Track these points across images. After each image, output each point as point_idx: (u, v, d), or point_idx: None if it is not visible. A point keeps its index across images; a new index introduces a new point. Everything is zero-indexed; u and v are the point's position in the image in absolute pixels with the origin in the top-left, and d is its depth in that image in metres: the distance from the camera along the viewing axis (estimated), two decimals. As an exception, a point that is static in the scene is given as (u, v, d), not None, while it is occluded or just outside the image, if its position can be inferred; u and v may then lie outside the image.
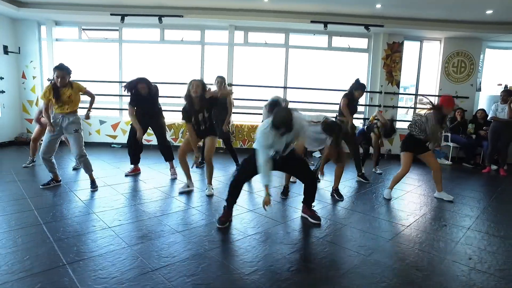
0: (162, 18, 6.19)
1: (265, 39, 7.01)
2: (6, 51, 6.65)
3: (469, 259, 2.47)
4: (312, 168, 3.87)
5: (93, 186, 3.83)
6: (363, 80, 7.01)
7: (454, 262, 2.41)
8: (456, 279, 2.18)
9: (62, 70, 3.58)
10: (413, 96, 7.31)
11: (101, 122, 6.95)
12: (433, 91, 7.15)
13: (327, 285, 2.04)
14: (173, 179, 4.48)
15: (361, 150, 5.20)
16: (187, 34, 6.99)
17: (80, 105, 3.89)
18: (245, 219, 3.12)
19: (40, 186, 3.81)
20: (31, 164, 4.85)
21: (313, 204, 3.17)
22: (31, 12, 6.32)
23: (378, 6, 5.70)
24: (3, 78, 6.61)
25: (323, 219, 3.16)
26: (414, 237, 2.84)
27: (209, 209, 3.40)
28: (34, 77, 6.89)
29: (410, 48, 7.10)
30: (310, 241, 2.69)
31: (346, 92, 4.55)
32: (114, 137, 6.98)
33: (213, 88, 4.83)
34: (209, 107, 3.69)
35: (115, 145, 6.94)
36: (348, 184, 4.61)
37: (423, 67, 7.19)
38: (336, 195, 3.90)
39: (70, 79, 3.74)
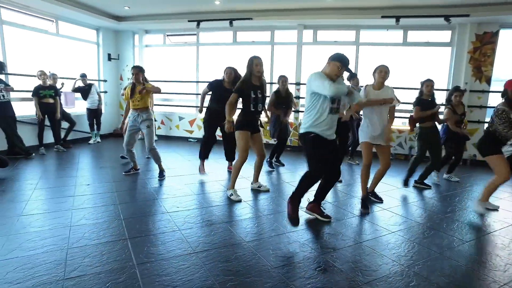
0: (233, 21, 6.60)
1: (334, 37, 6.86)
2: (109, 58, 7.95)
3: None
4: None
5: (161, 175, 4.38)
6: (444, 77, 6.37)
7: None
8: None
9: (136, 68, 4.24)
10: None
11: (180, 118, 7.76)
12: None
13: (349, 287, 2.04)
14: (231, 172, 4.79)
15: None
16: (257, 35, 7.29)
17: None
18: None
19: (123, 173, 4.52)
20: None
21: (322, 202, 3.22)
22: (128, 24, 7.42)
23: (460, -7, 5.08)
24: (106, 81, 7.93)
25: (372, 224, 3.07)
26: (472, 254, 2.56)
27: (259, 204, 3.59)
28: (128, 79, 8.04)
29: (510, 38, 6.08)
30: (348, 244, 2.65)
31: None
32: (191, 132, 7.72)
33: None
34: (262, 89, 3.63)
35: (191, 139, 7.67)
36: (411, 189, 4.30)
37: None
38: (374, 197, 3.74)
39: (144, 77, 4.36)
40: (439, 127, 4.55)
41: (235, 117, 3.80)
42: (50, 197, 3.55)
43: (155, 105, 7.23)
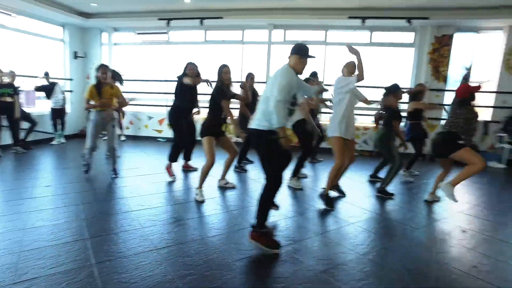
0: (203, 20, 6.58)
1: (303, 37, 7.00)
2: (75, 56, 7.69)
3: (473, 267, 2.31)
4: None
5: (115, 173, 4.35)
6: (407, 77, 6.66)
7: (455, 269, 2.26)
8: (448, 284, 2.07)
9: (104, 67, 4.12)
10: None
11: (149, 118, 7.63)
12: (491, 86, 6.45)
13: (306, 276, 2.11)
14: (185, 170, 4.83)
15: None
16: (228, 34, 7.30)
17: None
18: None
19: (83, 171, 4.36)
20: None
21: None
22: (96, 21, 7.21)
23: (420, -3, 5.35)
24: (72, 80, 7.66)
25: (332, 217, 3.18)
26: (423, 240, 2.71)
27: (224, 200, 3.62)
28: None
29: (463, 40, 6.48)
30: (309, 236, 2.73)
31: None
32: (160, 131, 7.60)
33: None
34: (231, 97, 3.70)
35: (160, 139, 7.56)
36: (371, 184, 4.48)
37: (479, 60, 6.51)
38: (337, 190, 3.87)
39: (111, 79, 4.28)
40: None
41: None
42: (5, 200, 3.38)
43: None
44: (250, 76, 4.93)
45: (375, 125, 6.54)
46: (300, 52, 2.54)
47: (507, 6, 5.64)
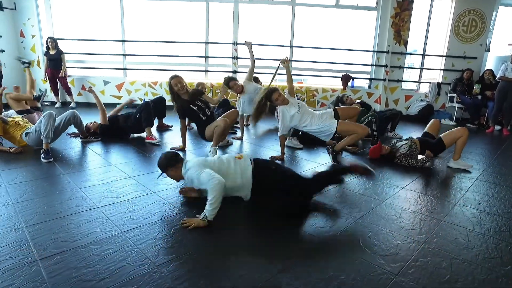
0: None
1: (271, -4, 6.76)
2: (0, 7, 6.39)
3: (478, 203, 2.60)
4: None
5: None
6: (371, 40, 6.93)
7: (465, 207, 2.52)
8: (467, 220, 2.30)
9: None
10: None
11: (105, 83, 6.86)
12: (440, 51, 7.05)
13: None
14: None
15: None
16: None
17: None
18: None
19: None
20: None
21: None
22: (26, -36, 6.01)
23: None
24: (1, 36, 6.43)
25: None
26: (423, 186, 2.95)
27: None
28: (33, 36, 6.69)
29: (419, 7, 6.88)
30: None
31: None
32: (119, 97, 6.89)
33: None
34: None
35: (120, 106, 6.88)
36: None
37: (432, 27, 7.03)
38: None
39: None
40: None
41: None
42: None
43: (68, 67, 6.55)
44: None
45: (342, 86, 6.80)
46: None
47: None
